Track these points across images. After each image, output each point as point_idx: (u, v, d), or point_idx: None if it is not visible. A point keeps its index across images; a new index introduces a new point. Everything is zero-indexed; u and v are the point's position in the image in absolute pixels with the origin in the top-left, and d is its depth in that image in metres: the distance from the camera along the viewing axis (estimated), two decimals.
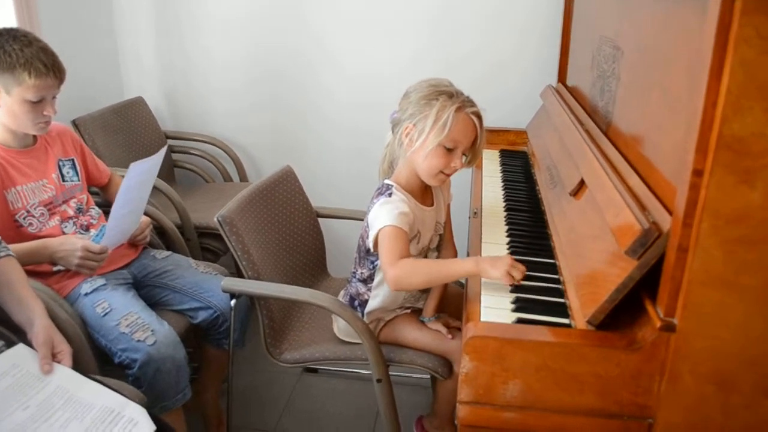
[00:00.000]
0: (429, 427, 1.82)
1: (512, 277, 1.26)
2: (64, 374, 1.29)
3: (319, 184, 2.76)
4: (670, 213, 0.97)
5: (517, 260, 1.42)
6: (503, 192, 1.88)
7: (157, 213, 2.13)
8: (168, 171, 2.74)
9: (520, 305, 1.22)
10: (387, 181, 1.54)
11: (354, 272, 1.66)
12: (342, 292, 1.75)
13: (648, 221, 0.98)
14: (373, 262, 1.59)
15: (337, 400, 2.26)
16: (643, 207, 1.05)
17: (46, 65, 1.63)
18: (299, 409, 2.21)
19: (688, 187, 0.87)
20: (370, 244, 1.50)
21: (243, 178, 2.76)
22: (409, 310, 1.69)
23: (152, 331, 1.58)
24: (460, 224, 1.83)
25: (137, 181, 1.69)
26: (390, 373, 1.60)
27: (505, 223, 1.65)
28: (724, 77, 0.81)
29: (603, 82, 1.57)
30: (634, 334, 1.01)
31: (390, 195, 1.49)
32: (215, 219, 1.64)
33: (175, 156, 2.80)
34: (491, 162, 2.17)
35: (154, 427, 1.21)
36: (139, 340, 1.55)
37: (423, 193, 1.59)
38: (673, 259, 0.92)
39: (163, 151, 1.80)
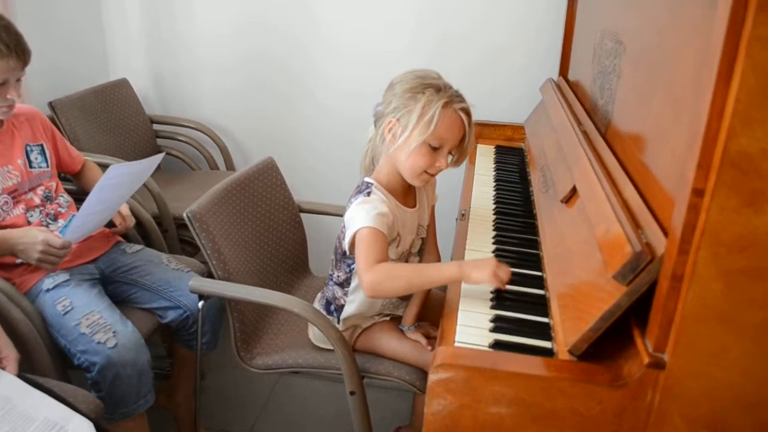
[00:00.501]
0: None
1: (499, 278, 1.18)
2: (7, 382, 1.20)
3: (312, 175, 2.66)
4: (666, 234, 0.86)
5: None
6: (494, 192, 1.76)
7: (133, 203, 2.03)
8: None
9: (499, 325, 1.11)
10: (367, 179, 1.44)
11: (331, 275, 1.56)
12: (319, 295, 1.65)
13: (641, 243, 0.86)
14: (349, 265, 1.49)
15: (317, 402, 2.17)
16: (636, 224, 0.94)
17: (8, 46, 1.52)
18: (277, 410, 2.12)
19: (686, 208, 0.76)
20: (346, 246, 1.40)
21: (230, 166, 2.65)
22: (388, 318, 1.59)
23: (114, 332, 1.48)
24: (447, 226, 1.73)
25: (115, 183, 1.59)
26: (372, 376, 1.51)
27: (492, 228, 1.54)
28: (734, 83, 0.69)
29: (603, 78, 1.45)
30: (620, 369, 0.90)
31: (369, 194, 1.39)
32: (184, 215, 1.53)
33: (160, 141, 2.69)
34: (485, 158, 2.06)
35: None
36: (99, 342, 1.46)
37: (405, 192, 1.48)
38: (665, 288, 0.81)
39: (155, 159, 1.69)
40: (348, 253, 1.42)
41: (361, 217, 1.33)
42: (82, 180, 1.93)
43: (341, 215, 1.43)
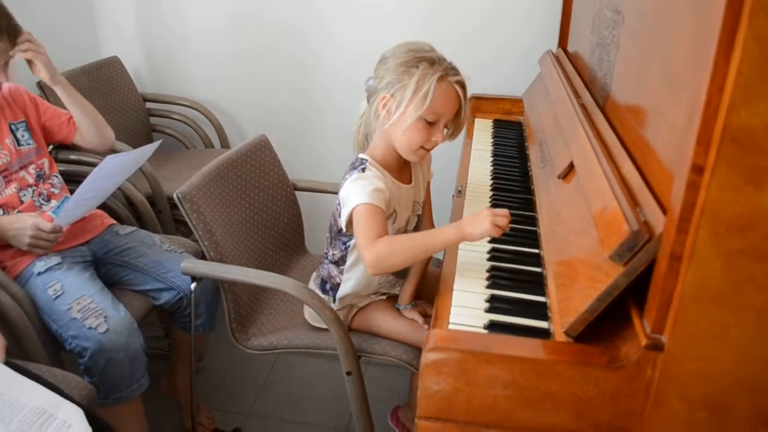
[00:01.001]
0: (404, 419, 1.72)
1: (499, 227, 1.16)
2: None
3: (311, 151, 2.62)
4: (665, 212, 0.83)
5: (497, 250, 1.30)
6: (492, 168, 1.73)
7: (126, 184, 2.00)
8: (146, 136, 2.60)
9: (495, 305, 1.09)
10: (361, 156, 1.41)
11: (326, 253, 1.54)
12: (314, 274, 1.63)
13: (638, 221, 0.83)
14: (345, 243, 1.46)
15: (317, 380, 2.16)
16: (635, 202, 0.90)
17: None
18: (277, 389, 2.12)
19: (685, 185, 0.73)
20: (342, 223, 1.38)
21: (225, 145, 2.61)
22: (384, 297, 1.57)
23: (105, 317, 1.46)
24: (443, 203, 1.69)
25: (109, 172, 1.56)
26: (369, 355, 1.50)
27: (490, 204, 1.51)
28: (735, 55, 0.65)
29: (602, 50, 1.40)
30: (617, 350, 0.87)
31: (363, 170, 1.36)
32: (174, 196, 1.51)
33: (153, 120, 2.65)
34: (483, 133, 2.02)
35: (89, 430, 1.11)
36: (90, 327, 1.44)
37: (400, 168, 1.45)
38: (664, 268, 0.78)
39: (151, 147, 1.65)
40: (344, 230, 1.40)
41: (357, 193, 1.30)
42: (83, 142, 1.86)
43: (338, 193, 1.41)
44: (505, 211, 1.18)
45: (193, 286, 1.53)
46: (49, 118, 1.79)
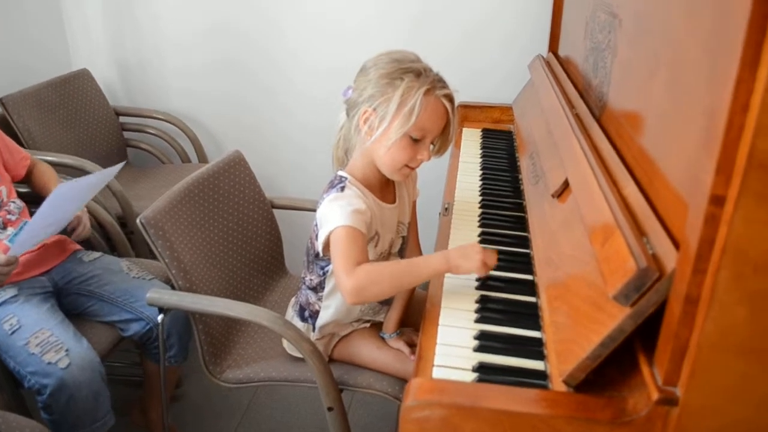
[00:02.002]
0: None
1: (487, 267, 1.12)
2: None
3: (293, 167, 2.50)
4: (676, 244, 0.72)
5: (488, 276, 1.19)
6: (481, 183, 1.62)
7: (93, 205, 1.88)
8: (119, 151, 2.48)
9: (484, 343, 0.98)
10: (341, 173, 1.30)
11: (303, 278, 1.43)
12: (293, 300, 1.52)
13: (646, 256, 0.72)
14: (323, 268, 1.35)
15: (302, 408, 2.04)
16: (640, 230, 0.80)
17: None
18: (259, 418, 1.99)
19: (702, 219, 0.62)
20: (319, 247, 1.26)
21: (202, 159, 2.49)
22: (368, 324, 1.45)
23: (66, 351, 1.35)
24: (429, 221, 1.59)
25: (64, 199, 1.44)
26: (351, 388, 1.39)
27: (478, 224, 1.40)
28: (763, 68, 0.54)
29: (597, 55, 1.30)
30: (623, 403, 0.76)
31: (342, 189, 1.25)
32: (137, 222, 1.39)
33: (127, 135, 2.53)
34: (471, 143, 1.91)
35: None
36: (50, 363, 1.33)
37: (383, 187, 1.34)
38: (678, 312, 0.67)
39: (112, 170, 1.52)
40: (321, 254, 1.29)
41: (336, 214, 1.19)
42: (34, 184, 1.78)
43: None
44: (494, 252, 1.13)
45: (160, 317, 1.41)
46: (4, 152, 1.67)
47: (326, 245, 1.23)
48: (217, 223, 1.61)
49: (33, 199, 1.76)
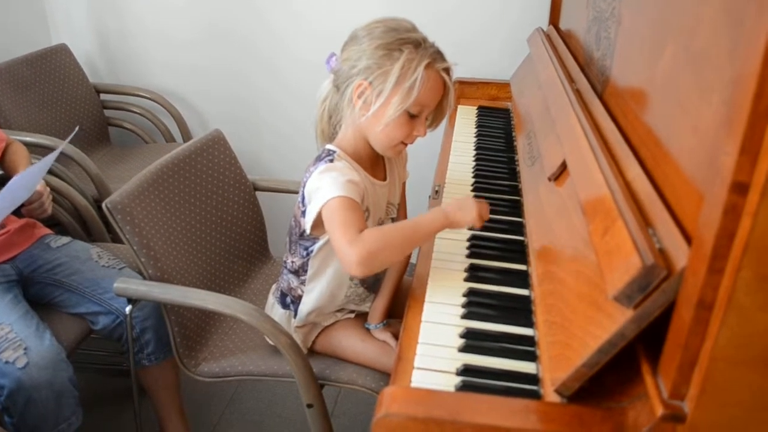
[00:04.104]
0: None
1: (482, 220, 1.10)
2: None
3: (286, 144, 2.39)
4: (688, 238, 0.62)
5: (477, 267, 1.10)
6: (474, 163, 1.51)
7: (67, 188, 1.78)
8: (100, 130, 2.37)
9: (471, 342, 0.88)
10: (329, 147, 1.21)
11: (285, 261, 1.33)
12: (274, 286, 1.42)
13: (652, 251, 0.62)
14: (307, 249, 1.25)
15: (287, 400, 1.96)
16: (645, 220, 0.70)
17: None
18: (242, 410, 1.91)
19: (722, 209, 0.52)
20: (307, 224, 1.17)
21: (187, 138, 2.39)
22: (352, 315, 1.36)
23: (25, 349, 1.26)
24: (418, 204, 1.49)
25: (15, 187, 1.33)
26: (332, 384, 1.31)
27: None
28: None
29: (599, 25, 1.19)
30: (623, 415, 0.67)
31: (332, 161, 1.16)
32: (103, 206, 1.29)
33: (108, 113, 2.42)
34: (466, 122, 1.80)
35: None
36: (7, 362, 1.24)
37: (374, 164, 1.26)
38: (689, 318, 0.57)
39: (50, 157, 1.40)
40: (308, 232, 1.20)
41: (328, 186, 1.10)
42: (3, 166, 1.67)
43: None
44: (487, 203, 1.12)
45: (128, 309, 1.32)
46: None
47: (316, 222, 1.14)
48: (194, 207, 1.51)
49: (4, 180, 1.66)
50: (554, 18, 1.82)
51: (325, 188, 1.10)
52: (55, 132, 2.13)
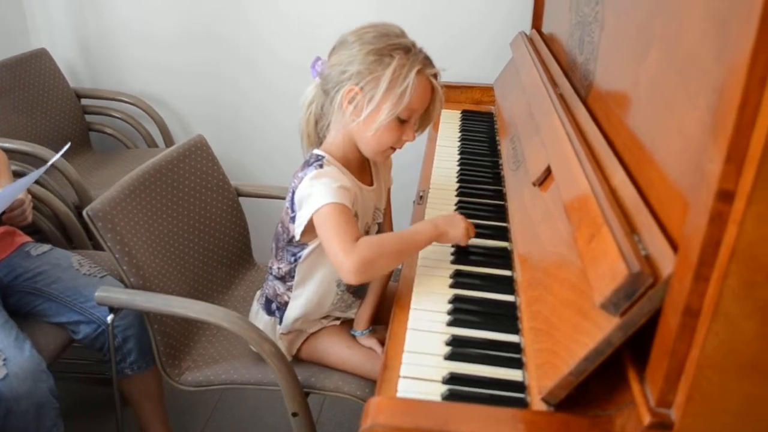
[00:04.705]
0: None
1: (468, 237, 1.13)
2: None
3: (271, 149, 2.37)
4: (673, 244, 0.62)
5: (462, 273, 1.09)
6: (459, 168, 1.51)
7: (47, 195, 1.75)
8: (81, 135, 2.34)
9: (457, 350, 0.88)
10: (317, 152, 1.20)
11: (270, 267, 1.32)
12: (258, 293, 1.41)
13: (638, 259, 0.62)
14: (295, 255, 1.24)
15: (273, 407, 1.94)
16: (631, 226, 0.69)
17: None
18: (227, 418, 1.89)
19: (707, 217, 0.51)
20: (297, 230, 1.17)
21: (170, 143, 2.36)
22: (338, 322, 1.35)
23: (5, 360, 1.23)
24: (402, 210, 1.48)
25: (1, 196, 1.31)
26: (318, 392, 1.30)
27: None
28: None
29: (583, 29, 1.19)
30: (610, 424, 0.67)
31: (321, 166, 1.16)
32: (84, 214, 1.27)
33: (90, 118, 2.38)
34: (450, 126, 1.80)
35: None
36: None
37: (361, 168, 1.26)
38: (675, 326, 0.57)
39: (35, 173, 1.36)
40: (297, 239, 1.19)
41: (320, 192, 1.10)
42: None
43: (287, 197, 1.21)
44: (471, 223, 1.14)
45: (110, 318, 1.30)
46: None
47: (307, 228, 1.14)
48: (176, 214, 1.49)
49: None
50: (537, 22, 1.82)
51: (317, 194, 1.10)
52: (35, 138, 2.09)
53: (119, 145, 2.42)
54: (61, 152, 1.42)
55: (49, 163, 1.40)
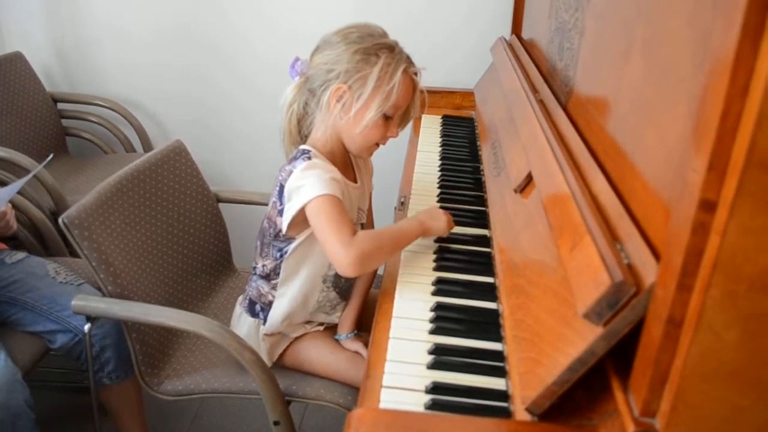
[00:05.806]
0: None
1: (450, 229, 1.20)
2: None
3: (252, 153, 2.35)
4: (656, 254, 0.62)
5: (444, 280, 1.09)
6: (440, 174, 1.50)
7: (22, 201, 1.72)
8: (58, 140, 2.30)
9: (439, 359, 0.87)
10: (304, 147, 1.20)
11: (254, 267, 1.31)
12: (240, 297, 1.39)
13: (621, 268, 0.62)
14: (281, 250, 1.23)
15: (255, 417, 1.92)
16: (613, 234, 0.69)
17: None
18: (209, 423, 1.87)
19: (690, 227, 0.51)
20: (285, 222, 1.16)
21: (148, 148, 2.33)
22: (321, 327, 1.34)
23: None
24: (384, 215, 1.47)
25: None
26: (300, 400, 1.28)
27: None
28: (766, 41, 0.44)
29: (562, 36, 1.19)
30: None
31: (309, 159, 1.16)
32: (60, 222, 1.25)
33: (66, 123, 2.35)
34: (430, 131, 1.79)
35: None
36: None
37: (345, 166, 1.27)
38: (658, 335, 0.57)
39: (16, 184, 1.34)
40: (284, 232, 1.18)
41: (312, 183, 1.10)
42: None
43: (272, 194, 1.21)
44: (449, 214, 1.21)
45: (87, 327, 1.28)
46: None
47: (295, 221, 1.14)
48: (155, 220, 1.47)
49: None
50: (517, 28, 1.83)
51: (309, 186, 1.10)
52: (10, 143, 2.05)
53: (97, 150, 2.38)
54: (44, 163, 1.39)
55: (31, 174, 1.37)
